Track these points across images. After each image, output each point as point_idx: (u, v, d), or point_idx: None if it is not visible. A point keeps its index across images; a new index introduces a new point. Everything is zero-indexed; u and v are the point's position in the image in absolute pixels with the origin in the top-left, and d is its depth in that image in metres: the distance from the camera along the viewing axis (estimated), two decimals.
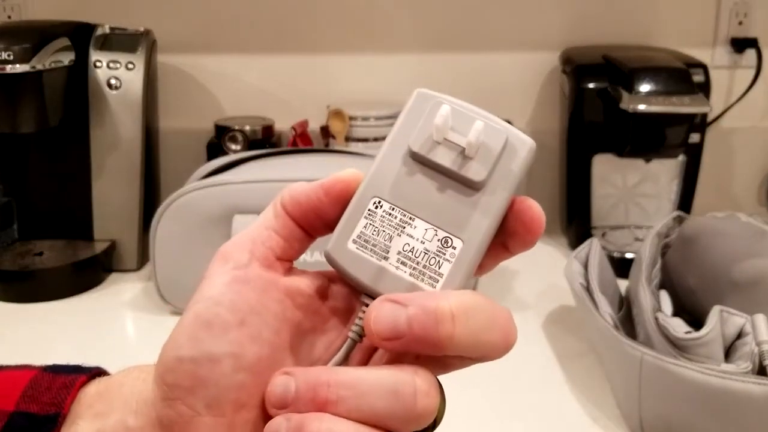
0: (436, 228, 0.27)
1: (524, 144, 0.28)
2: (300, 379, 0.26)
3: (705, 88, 1.00)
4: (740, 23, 1.16)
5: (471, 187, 0.27)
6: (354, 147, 1.10)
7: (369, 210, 0.27)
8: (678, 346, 0.61)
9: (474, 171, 0.27)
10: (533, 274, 0.97)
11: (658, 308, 0.70)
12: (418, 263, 0.27)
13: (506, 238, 0.28)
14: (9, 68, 0.85)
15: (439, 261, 0.27)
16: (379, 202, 0.27)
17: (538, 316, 0.86)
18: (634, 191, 1.07)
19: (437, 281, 0.27)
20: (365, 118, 1.10)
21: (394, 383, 0.25)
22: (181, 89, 1.18)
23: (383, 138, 1.11)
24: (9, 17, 1.17)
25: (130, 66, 0.97)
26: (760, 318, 0.60)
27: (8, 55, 0.85)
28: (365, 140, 1.11)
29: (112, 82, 0.96)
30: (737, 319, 0.61)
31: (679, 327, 0.64)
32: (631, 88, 0.93)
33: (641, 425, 0.61)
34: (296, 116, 1.15)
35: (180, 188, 0.84)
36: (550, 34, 1.16)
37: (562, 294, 0.85)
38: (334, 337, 0.29)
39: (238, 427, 0.25)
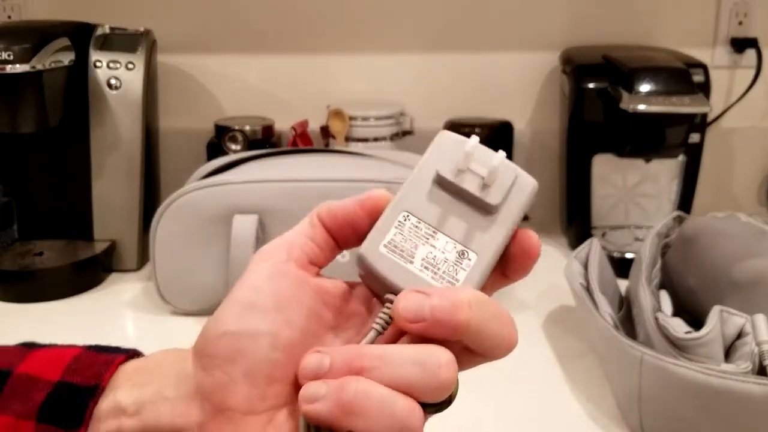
0: (455, 242, 0.31)
1: (528, 182, 0.33)
2: (334, 355, 0.28)
3: (705, 88, 1.00)
4: (740, 23, 1.16)
5: (487, 210, 0.32)
6: (354, 147, 1.10)
7: (399, 221, 0.31)
8: (678, 346, 0.61)
9: (491, 196, 0.32)
10: (533, 274, 0.96)
11: (658, 308, 0.70)
12: (438, 269, 0.31)
13: (506, 264, 0.33)
14: (9, 68, 0.85)
15: (456, 269, 0.31)
16: (408, 216, 0.32)
17: (538, 316, 0.86)
18: (634, 191, 1.07)
19: (454, 285, 0.31)
20: (365, 118, 1.10)
21: (422, 356, 0.28)
22: (181, 89, 1.18)
23: (383, 138, 1.12)
24: (9, 17, 1.17)
25: (130, 66, 0.97)
26: (760, 318, 0.60)
27: (8, 55, 0.85)
28: (365, 140, 1.11)
29: (112, 82, 0.97)
30: (737, 319, 0.61)
31: (679, 327, 0.64)
32: (631, 88, 0.93)
33: (641, 425, 0.61)
34: (296, 116, 1.15)
35: (180, 188, 0.84)
36: (550, 34, 1.16)
37: (562, 294, 0.85)
38: (353, 335, 0.32)
39: (269, 398, 0.28)
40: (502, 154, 0.33)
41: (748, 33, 1.16)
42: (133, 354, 0.32)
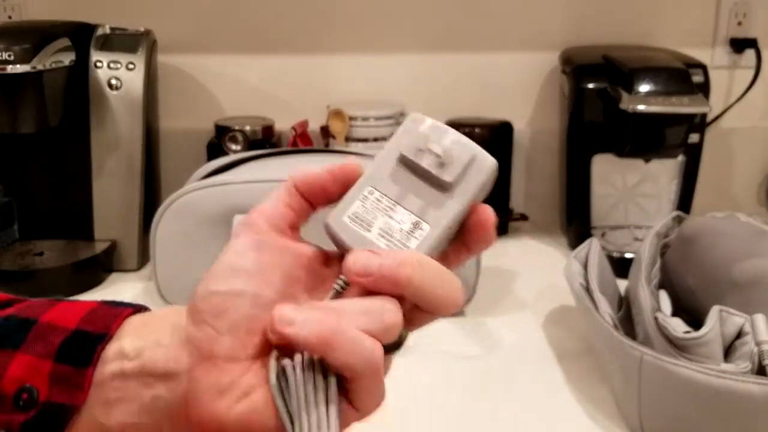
0: (411, 213, 0.35)
1: (487, 161, 0.36)
2: (302, 311, 0.32)
3: (704, 89, 1.00)
4: (739, 23, 1.16)
5: (443, 187, 0.35)
6: (354, 147, 1.10)
7: (364, 195, 0.35)
8: (677, 346, 0.61)
9: (446, 174, 0.35)
10: (533, 274, 0.98)
11: (658, 308, 0.70)
12: (393, 237, 0.35)
13: (466, 236, 0.36)
14: (10, 68, 0.85)
15: (408, 237, 0.35)
16: (372, 191, 0.35)
17: (537, 316, 0.86)
18: (633, 191, 1.07)
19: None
20: (365, 118, 1.10)
21: (370, 306, 0.33)
22: (182, 89, 1.19)
23: (383, 138, 1.13)
24: (9, 17, 1.17)
25: (131, 66, 0.97)
26: (759, 318, 0.60)
27: (9, 56, 0.85)
28: (365, 140, 1.11)
29: (113, 82, 0.97)
30: (737, 319, 0.61)
31: (678, 327, 0.64)
32: (630, 89, 0.93)
33: (641, 425, 0.62)
34: (296, 116, 1.15)
35: (180, 188, 0.84)
36: (550, 34, 1.16)
37: (562, 294, 0.85)
38: (326, 296, 0.35)
39: (249, 348, 0.33)
40: (454, 134, 0.36)
41: (747, 33, 1.16)
42: (139, 309, 0.36)
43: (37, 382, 0.33)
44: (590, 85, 1.01)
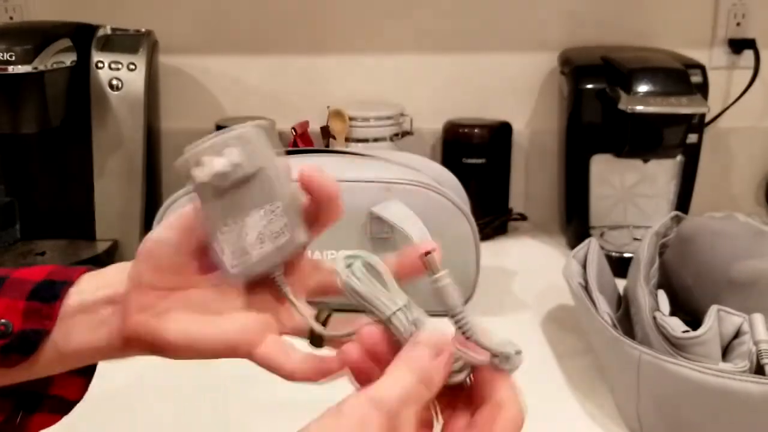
0: (259, 211, 0.38)
1: (249, 132, 0.38)
2: None
3: (703, 89, 1.00)
4: (738, 24, 1.16)
5: (250, 177, 0.38)
6: (354, 147, 1.10)
7: (223, 236, 0.39)
8: (676, 345, 0.62)
9: (240, 169, 0.37)
10: (532, 273, 0.98)
11: (656, 308, 0.70)
12: (268, 235, 0.38)
13: (313, 203, 0.40)
14: (11, 69, 0.86)
15: (277, 223, 0.38)
16: (224, 228, 0.39)
17: (536, 315, 0.86)
18: (632, 191, 1.07)
19: (284, 233, 0.39)
20: (365, 119, 1.11)
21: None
22: (183, 90, 1.19)
23: (383, 138, 1.13)
24: (11, 18, 1.17)
25: (132, 67, 0.98)
26: (757, 317, 0.61)
27: (10, 56, 0.86)
28: (365, 141, 1.11)
29: (114, 82, 0.97)
30: (735, 319, 0.62)
31: (676, 326, 0.64)
32: (629, 89, 0.94)
33: (640, 424, 0.62)
34: (296, 116, 1.16)
35: (181, 188, 0.84)
36: (549, 35, 1.17)
37: (561, 293, 0.86)
38: None
39: (168, 281, 0.40)
40: (215, 141, 0.38)
41: (745, 34, 1.16)
42: (94, 268, 0.44)
43: (12, 317, 0.40)
44: (589, 86, 1.02)
